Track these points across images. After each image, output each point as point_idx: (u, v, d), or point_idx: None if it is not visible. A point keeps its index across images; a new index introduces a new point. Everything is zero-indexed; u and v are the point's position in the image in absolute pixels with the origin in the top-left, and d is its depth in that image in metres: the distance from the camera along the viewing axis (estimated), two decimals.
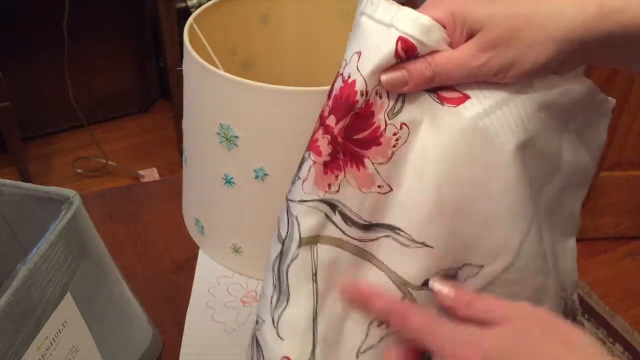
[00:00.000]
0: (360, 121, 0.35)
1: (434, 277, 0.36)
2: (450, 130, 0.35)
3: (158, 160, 1.93)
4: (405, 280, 0.37)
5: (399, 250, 0.37)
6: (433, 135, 0.35)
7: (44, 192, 0.42)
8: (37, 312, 0.37)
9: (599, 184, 1.58)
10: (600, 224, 1.67)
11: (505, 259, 0.37)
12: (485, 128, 0.35)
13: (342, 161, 0.36)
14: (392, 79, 0.34)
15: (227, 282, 0.63)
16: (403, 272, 0.37)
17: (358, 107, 0.35)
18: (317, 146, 0.36)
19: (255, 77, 0.51)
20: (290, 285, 0.38)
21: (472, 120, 0.35)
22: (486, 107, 0.35)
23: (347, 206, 0.37)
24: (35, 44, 1.80)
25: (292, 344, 0.38)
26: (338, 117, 0.35)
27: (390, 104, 0.35)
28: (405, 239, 0.36)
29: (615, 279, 1.60)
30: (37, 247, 0.37)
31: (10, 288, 0.35)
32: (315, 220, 0.37)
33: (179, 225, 0.70)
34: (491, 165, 0.35)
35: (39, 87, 1.88)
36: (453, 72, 0.35)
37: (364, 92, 0.35)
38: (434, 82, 0.35)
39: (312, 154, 0.37)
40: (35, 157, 1.90)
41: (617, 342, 1.45)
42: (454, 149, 0.35)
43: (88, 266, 0.42)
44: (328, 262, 0.38)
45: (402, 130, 0.36)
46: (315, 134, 0.37)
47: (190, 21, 0.59)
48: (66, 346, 0.40)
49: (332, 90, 0.36)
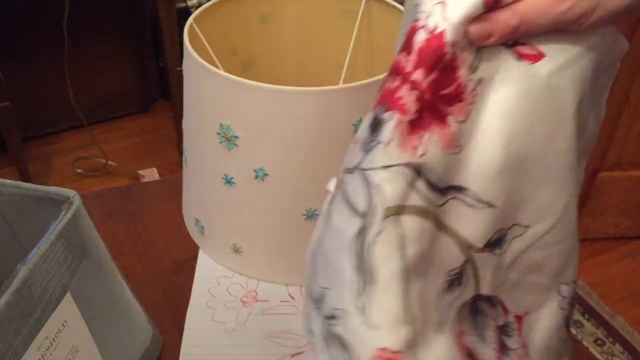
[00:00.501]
0: (446, 76, 0.34)
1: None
2: (524, 86, 0.35)
3: (158, 160, 1.93)
4: (470, 243, 0.36)
5: (464, 211, 0.36)
6: (506, 91, 0.35)
7: (44, 192, 0.42)
8: (37, 312, 0.37)
9: (599, 184, 1.58)
10: (600, 224, 1.67)
11: (552, 219, 0.37)
12: (557, 86, 0.35)
13: (428, 119, 0.34)
14: (480, 30, 0.34)
15: (227, 282, 0.63)
16: (468, 235, 0.36)
17: (446, 59, 0.33)
18: (403, 104, 0.34)
19: (255, 77, 0.51)
20: (377, 266, 0.35)
21: (546, 77, 0.35)
22: (559, 64, 0.35)
23: (432, 170, 0.34)
24: (35, 44, 1.80)
25: (392, 332, 0.35)
26: (426, 71, 0.33)
27: (470, 58, 0.34)
28: (472, 200, 0.35)
29: (615, 279, 1.60)
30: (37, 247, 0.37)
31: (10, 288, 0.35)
32: (402, 187, 0.34)
33: (179, 225, 0.70)
34: (559, 123, 0.35)
35: (39, 87, 1.88)
36: (538, 19, 0.34)
37: (453, 43, 0.33)
38: (519, 32, 0.34)
39: (397, 112, 0.34)
40: (35, 157, 1.90)
41: (617, 342, 1.45)
42: (527, 106, 0.35)
43: (88, 266, 0.42)
44: (415, 235, 0.35)
45: (480, 86, 0.35)
46: (396, 92, 0.34)
47: (190, 21, 0.59)
48: (66, 346, 0.40)
49: (412, 43, 0.34)
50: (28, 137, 1.90)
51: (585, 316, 1.51)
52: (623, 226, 1.67)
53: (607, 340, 1.46)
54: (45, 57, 1.81)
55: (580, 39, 0.35)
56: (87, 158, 1.91)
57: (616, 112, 1.46)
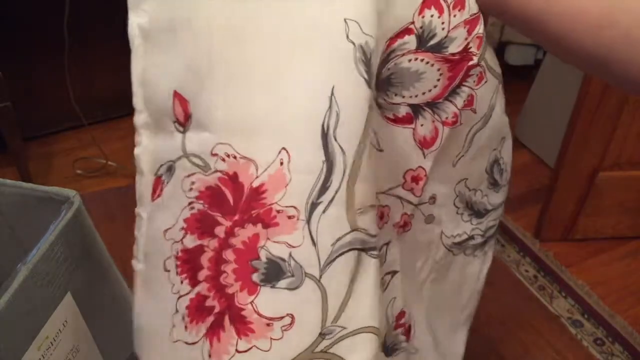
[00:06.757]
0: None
1: None
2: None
3: None
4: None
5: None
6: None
7: (44, 192, 0.42)
8: (37, 312, 0.37)
9: (598, 184, 1.58)
10: (600, 224, 1.67)
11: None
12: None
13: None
14: None
15: None
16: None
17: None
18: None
19: None
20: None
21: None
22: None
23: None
24: (35, 44, 1.80)
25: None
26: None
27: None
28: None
29: (615, 279, 1.60)
30: (37, 247, 0.37)
31: (10, 288, 0.35)
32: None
33: None
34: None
35: (39, 87, 1.88)
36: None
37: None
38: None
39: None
40: (35, 157, 1.90)
41: (617, 342, 1.45)
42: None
43: (88, 266, 0.42)
44: None
45: None
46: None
47: None
48: (66, 346, 0.40)
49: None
50: (28, 137, 1.89)
51: (585, 316, 1.51)
52: (623, 226, 1.67)
53: (607, 340, 1.46)
54: (45, 57, 1.81)
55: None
56: (87, 158, 1.91)
57: (616, 112, 1.46)
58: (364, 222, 0.31)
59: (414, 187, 0.38)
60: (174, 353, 0.32)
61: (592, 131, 1.49)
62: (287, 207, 0.29)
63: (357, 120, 0.30)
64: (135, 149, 0.33)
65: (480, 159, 0.41)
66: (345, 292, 0.31)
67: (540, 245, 1.69)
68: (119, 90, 2.04)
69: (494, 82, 0.38)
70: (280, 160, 0.29)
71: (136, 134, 0.33)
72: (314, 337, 0.30)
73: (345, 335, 0.31)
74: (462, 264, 0.45)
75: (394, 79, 0.34)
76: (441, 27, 0.34)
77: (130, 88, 0.32)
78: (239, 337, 0.30)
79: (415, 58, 0.34)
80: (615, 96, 1.43)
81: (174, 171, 0.32)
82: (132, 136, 0.32)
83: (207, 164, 0.30)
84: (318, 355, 0.30)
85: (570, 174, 1.57)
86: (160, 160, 0.32)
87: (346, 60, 0.29)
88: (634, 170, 1.57)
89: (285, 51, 0.29)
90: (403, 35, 0.33)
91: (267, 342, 0.30)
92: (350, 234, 0.30)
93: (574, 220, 1.66)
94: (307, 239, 0.30)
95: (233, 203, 0.30)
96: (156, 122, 0.32)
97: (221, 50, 0.29)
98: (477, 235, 0.44)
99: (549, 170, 1.86)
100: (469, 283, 0.46)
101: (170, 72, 0.31)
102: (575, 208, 1.63)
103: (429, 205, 0.40)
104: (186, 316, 0.31)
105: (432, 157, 0.38)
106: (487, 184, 0.43)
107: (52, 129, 1.99)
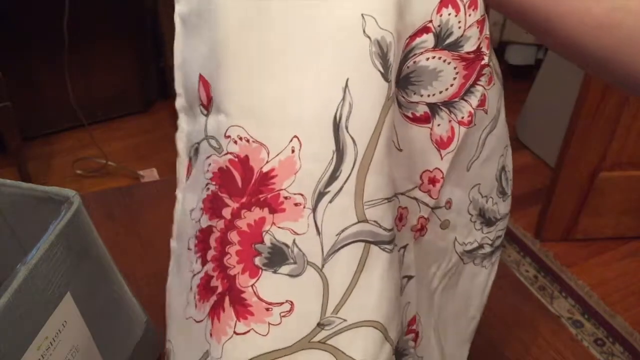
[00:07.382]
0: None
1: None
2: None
3: (158, 160, 1.93)
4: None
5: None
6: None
7: (44, 192, 0.42)
8: (37, 312, 0.37)
9: (599, 184, 1.58)
10: (600, 224, 1.67)
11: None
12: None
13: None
14: None
15: None
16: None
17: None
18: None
19: None
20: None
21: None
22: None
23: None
24: (35, 44, 1.81)
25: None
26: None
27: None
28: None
29: (615, 279, 1.60)
30: (37, 247, 0.37)
31: (10, 288, 0.35)
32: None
33: None
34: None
35: (39, 87, 1.88)
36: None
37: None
38: None
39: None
40: (35, 157, 1.90)
41: (617, 342, 1.45)
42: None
43: (88, 266, 0.42)
44: None
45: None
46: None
47: None
48: (66, 346, 0.40)
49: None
50: (28, 137, 1.90)
51: (585, 316, 1.51)
52: (623, 226, 1.67)
53: (607, 340, 1.46)
54: (45, 57, 1.81)
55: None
56: (87, 158, 1.91)
57: (616, 112, 1.46)
58: (375, 214, 0.31)
59: (430, 189, 0.38)
60: (187, 328, 0.32)
61: (593, 131, 1.49)
62: (295, 195, 0.29)
63: (370, 112, 0.30)
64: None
65: (490, 164, 0.41)
66: (349, 284, 0.30)
67: (540, 245, 1.69)
68: (119, 90, 2.05)
69: (499, 85, 0.38)
70: (292, 148, 0.29)
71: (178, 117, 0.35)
72: (312, 327, 0.30)
73: (346, 328, 0.31)
74: (471, 274, 0.44)
75: (412, 77, 0.34)
76: (457, 26, 0.34)
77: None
78: (237, 319, 0.30)
79: (433, 56, 0.34)
80: (615, 96, 1.43)
81: (199, 153, 0.33)
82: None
83: (220, 145, 0.31)
84: (315, 345, 0.30)
85: (570, 174, 1.57)
86: (191, 142, 0.34)
87: (362, 54, 0.29)
88: (634, 170, 1.57)
89: (302, 43, 0.29)
90: (422, 33, 0.33)
91: (265, 327, 0.30)
92: (357, 225, 0.30)
93: (574, 220, 1.66)
94: (311, 228, 0.30)
95: (241, 185, 0.30)
96: (190, 105, 0.33)
97: (239, 39, 0.30)
98: (487, 245, 0.44)
99: (550, 171, 1.86)
100: (477, 295, 0.46)
101: (199, 56, 0.32)
102: (575, 208, 1.63)
103: (444, 210, 0.40)
104: (197, 294, 0.32)
105: (449, 159, 0.37)
106: (497, 192, 0.42)
107: (52, 129, 1.99)
